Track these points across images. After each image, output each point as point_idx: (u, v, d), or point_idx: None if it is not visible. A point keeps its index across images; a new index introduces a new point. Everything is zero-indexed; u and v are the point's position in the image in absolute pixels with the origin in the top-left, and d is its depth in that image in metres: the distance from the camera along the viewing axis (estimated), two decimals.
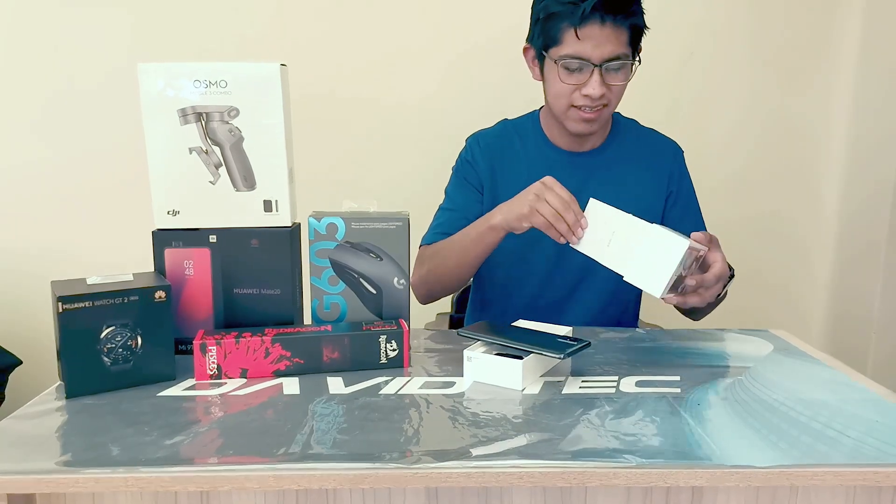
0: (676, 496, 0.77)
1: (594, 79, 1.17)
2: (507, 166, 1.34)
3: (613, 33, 1.16)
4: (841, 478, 0.73)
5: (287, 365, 0.97)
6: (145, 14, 1.81)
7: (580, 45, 1.16)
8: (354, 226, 1.06)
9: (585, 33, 1.15)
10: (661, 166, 1.33)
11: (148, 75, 1.00)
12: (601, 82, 1.18)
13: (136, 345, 0.92)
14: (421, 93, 1.87)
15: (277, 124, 1.02)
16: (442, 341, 1.15)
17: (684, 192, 1.35)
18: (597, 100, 1.20)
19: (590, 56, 1.16)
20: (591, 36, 1.15)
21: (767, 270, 1.99)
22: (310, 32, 1.83)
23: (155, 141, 1.01)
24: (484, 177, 1.34)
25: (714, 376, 0.98)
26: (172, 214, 1.03)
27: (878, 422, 0.83)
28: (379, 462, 0.72)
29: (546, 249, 1.28)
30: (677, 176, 1.35)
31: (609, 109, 1.24)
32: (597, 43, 1.16)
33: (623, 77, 1.21)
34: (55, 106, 1.84)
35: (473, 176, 1.35)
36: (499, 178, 1.34)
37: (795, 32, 1.89)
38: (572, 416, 0.84)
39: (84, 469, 0.71)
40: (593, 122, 1.24)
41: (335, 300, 1.08)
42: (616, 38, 1.16)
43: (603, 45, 1.16)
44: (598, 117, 1.23)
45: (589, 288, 1.32)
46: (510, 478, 0.72)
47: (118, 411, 0.85)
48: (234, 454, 0.74)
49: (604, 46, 1.16)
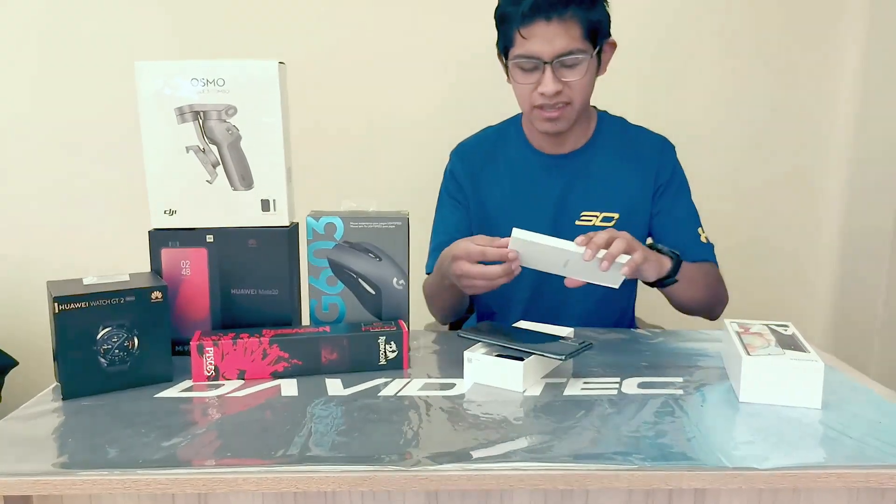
0: (679, 499, 0.77)
1: (546, 76, 1.17)
2: (490, 173, 1.34)
3: (562, 29, 1.15)
4: (843, 479, 0.72)
5: (285, 366, 0.96)
6: (143, 12, 1.80)
7: (529, 43, 1.16)
8: (353, 225, 1.05)
9: (532, 32, 1.15)
10: (648, 162, 1.32)
11: (145, 73, 0.99)
12: (554, 79, 1.17)
13: (132, 346, 0.92)
14: (420, 92, 1.87)
15: (275, 123, 1.01)
16: (442, 342, 1.14)
17: (674, 185, 1.32)
18: (553, 97, 1.18)
19: (539, 53, 1.16)
20: (538, 34, 1.15)
21: (768, 271, 1.99)
22: (309, 31, 1.83)
23: (152, 140, 1.01)
24: (467, 188, 1.35)
25: (716, 377, 0.97)
26: (169, 214, 1.03)
27: (880, 423, 0.82)
28: (378, 464, 0.72)
29: None
30: (666, 170, 1.32)
31: (574, 107, 1.22)
32: (546, 40, 1.15)
33: (580, 73, 1.19)
34: (53, 105, 1.83)
35: (457, 190, 1.36)
36: (482, 186, 1.34)
37: (796, 32, 1.88)
38: (574, 418, 0.83)
39: (81, 471, 0.71)
40: (558, 121, 1.22)
41: (334, 301, 1.07)
42: (566, 34, 1.15)
43: (552, 41, 1.15)
44: (561, 115, 1.21)
45: (583, 290, 1.32)
46: (511, 480, 0.71)
47: (115, 413, 0.85)
48: (231, 456, 0.74)
49: (553, 42, 1.15)
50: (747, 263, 1.94)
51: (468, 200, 1.36)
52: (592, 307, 1.33)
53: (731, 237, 1.92)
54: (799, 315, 2.01)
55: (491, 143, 1.37)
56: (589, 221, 1.30)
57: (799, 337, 0.96)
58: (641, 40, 1.80)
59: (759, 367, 0.87)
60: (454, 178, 1.37)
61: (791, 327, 1.00)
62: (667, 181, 1.31)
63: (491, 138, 1.38)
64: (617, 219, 1.29)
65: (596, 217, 1.30)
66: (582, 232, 1.31)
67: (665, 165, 1.32)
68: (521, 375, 0.91)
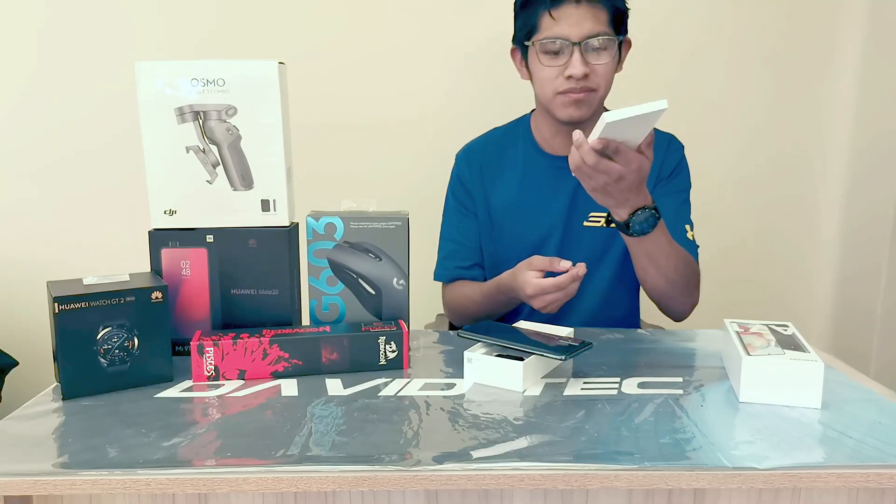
0: (678, 498, 0.77)
1: (575, 57, 1.17)
2: (498, 177, 1.34)
3: (590, 12, 1.16)
4: (843, 479, 0.72)
5: (285, 366, 0.96)
6: (143, 12, 1.80)
7: (557, 25, 1.16)
8: (353, 225, 1.05)
9: (561, 14, 1.16)
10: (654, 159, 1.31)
11: (146, 74, 0.99)
12: (583, 61, 1.17)
13: (132, 346, 0.92)
14: (421, 92, 1.86)
15: (275, 123, 1.01)
16: (442, 342, 1.14)
17: (674, 181, 1.31)
18: (580, 80, 1.18)
19: (568, 35, 1.16)
20: (568, 15, 1.16)
21: (768, 270, 1.99)
22: (309, 31, 1.82)
23: (152, 140, 1.01)
24: (475, 191, 1.35)
25: (716, 377, 0.97)
26: (169, 214, 1.03)
27: (880, 423, 0.82)
28: (378, 464, 0.72)
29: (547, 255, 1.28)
30: (668, 165, 1.31)
31: (597, 96, 1.22)
32: (574, 21, 1.16)
33: (607, 57, 1.19)
34: (53, 104, 1.83)
35: (465, 195, 1.36)
36: (490, 189, 1.34)
37: (797, 33, 1.88)
38: (574, 418, 0.83)
39: (81, 471, 0.71)
40: (582, 105, 1.21)
41: (334, 301, 1.07)
42: (594, 17, 1.16)
43: (580, 23, 1.16)
44: (586, 99, 1.21)
45: (588, 290, 1.32)
46: (511, 480, 0.71)
47: (115, 413, 0.85)
48: (232, 456, 0.74)
49: (582, 25, 1.16)
50: (747, 263, 1.94)
51: (476, 206, 1.35)
52: (596, 305, 1.33)
53: (730, 236, 1.93)
54: (798, 315, 2.01)
55: (498, 145, 1.36)
56: (597, 222, 1.30)
57: (799, 337, 0.96)
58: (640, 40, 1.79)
59: (759, 366, 0.87)
60: (461, 183, 1.36)
61: (791, 327, 1.00)
62: (667, 176, 1.31)
63: (498, 140, 1.38)
64: None
65: (603, 218, 1.29)
66: (589, 233, 1.32)
67: (669, 161, 1.32)
68: (520, 375, 0.91)
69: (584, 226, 1.30)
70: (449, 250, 1.38)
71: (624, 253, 1.31)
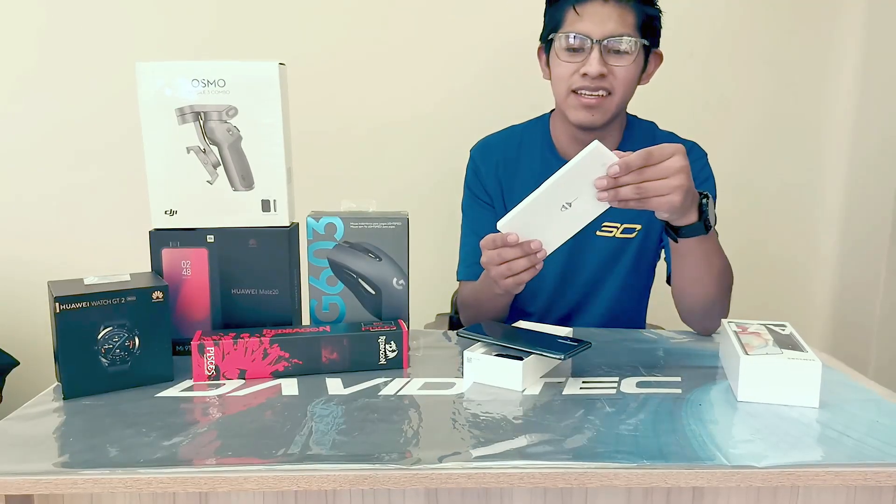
0: (677, 497, 0.77)
1: (593, 56, 1.14)
2: (514, 177, 1.31)
3: (616, 12, 1.14)
4: (842, 478, 0.72)
5: (286, 366, 0.97)
6: (143, 13, 1.80)
7: (581, 22, 1.14)
8: (353, 226, 1.06)
9: (585, 10, 1.14)
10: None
11: (146, 74, 0.99)
12: (600, 60, 1.14)
13: (133, 345, 0.92)
14: (421, 92, 1.87)
15: (276, 123, 1.02)
16: (442, 342, 1.14)
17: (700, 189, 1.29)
18: (595, 79, 1.15)
19: (590, 32, 1.14)
20: (593, 13, 1.14)
21: (768, 271, 1.99)
22: (309, 31, 1.83)
23: (153, 140, 1.01)
24: (491, 188, 1.32)
25: (715, 377, 0.98)
26: (170, 214, 1.03)
27: (878, 422, 0.83)
28: (378, 463, 0.72)
29: (556, 264, 1.27)
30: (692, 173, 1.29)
31: (613, 100, 1.18)
32: (598, 20, 1.14)
33: (628, 60, 1.16)
34: (53, 104, 1.83)
35: (481, 190, 1.33)
36: (505, 188, 1.31)
37: (797, 33, 1.89)
38: (573, 417, 0.83)
39: (82, 470, 0.71)
40: (595, 110, 1.18)
41: (334, 301, 1.08)
42: (620, 18, 1.14)
43: (604, 22, 1.13)
44: (599, 104, 1.17)
45: (597, 299, 1.31)
46: (510, 479, 0.71)
47: (116, 412, 0.85)
48: (232, 455, 0.74)
49: (605, 24, 1.13)
50: (745, 264, 1.93)
51: (493, 200, 1.32)
52: (606, 314, 1.32)
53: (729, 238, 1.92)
54: (797, 315, 2.02)
55: (515, 143, 1.33)
56: (609, 233, 1.28)
57: (796, 336, 0.96)
58: None
59: (757, 366, 0.88)
60: (477, 177, 1.33)
61: (789, 327, 1.00)
62: None
63: (516, 138, 1.34)
64: (639, 230, 1.27)
65: (617, 228, 1.27)
66: (602, 242, 1.29)
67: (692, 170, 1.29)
68: (520, 375, 0.92)
69: (597, 235, 1.28)
70: (471, 247, 1.32)
71: (634, 263, 1.29)
